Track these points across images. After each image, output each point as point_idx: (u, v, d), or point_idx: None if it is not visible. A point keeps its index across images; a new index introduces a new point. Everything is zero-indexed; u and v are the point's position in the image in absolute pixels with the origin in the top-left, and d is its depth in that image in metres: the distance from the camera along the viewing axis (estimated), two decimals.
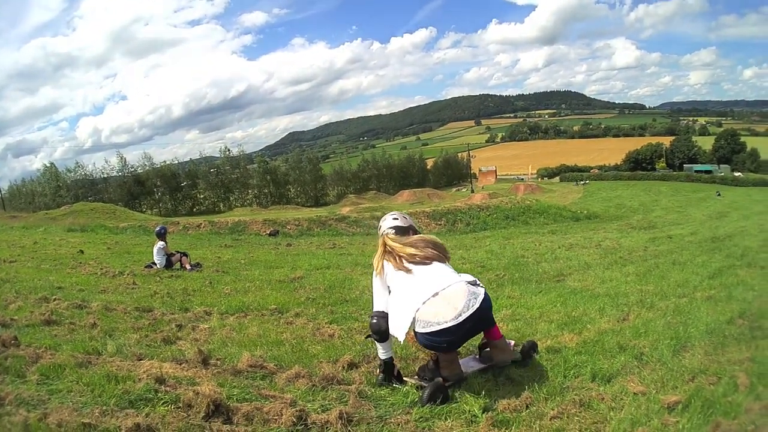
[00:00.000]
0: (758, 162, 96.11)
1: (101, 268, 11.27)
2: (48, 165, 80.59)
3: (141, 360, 4.34)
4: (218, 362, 4.35)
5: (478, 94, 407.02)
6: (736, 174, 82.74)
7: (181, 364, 4.25)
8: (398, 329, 3.79)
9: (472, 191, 78.97)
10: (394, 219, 4.34)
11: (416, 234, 4.25)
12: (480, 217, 35.85)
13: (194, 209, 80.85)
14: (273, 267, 12.27)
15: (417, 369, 4.11)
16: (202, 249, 17.77)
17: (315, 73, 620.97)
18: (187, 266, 11.81)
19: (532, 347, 4.38)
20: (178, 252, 12.30)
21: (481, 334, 4.11)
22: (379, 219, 4.47)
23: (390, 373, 3.96)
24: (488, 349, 4.17)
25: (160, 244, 12.02)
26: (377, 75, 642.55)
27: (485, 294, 3.80)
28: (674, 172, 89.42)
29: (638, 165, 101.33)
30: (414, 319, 3.69)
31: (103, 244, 19.39)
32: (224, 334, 5.54)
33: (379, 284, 4.04)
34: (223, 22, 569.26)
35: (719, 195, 59.00)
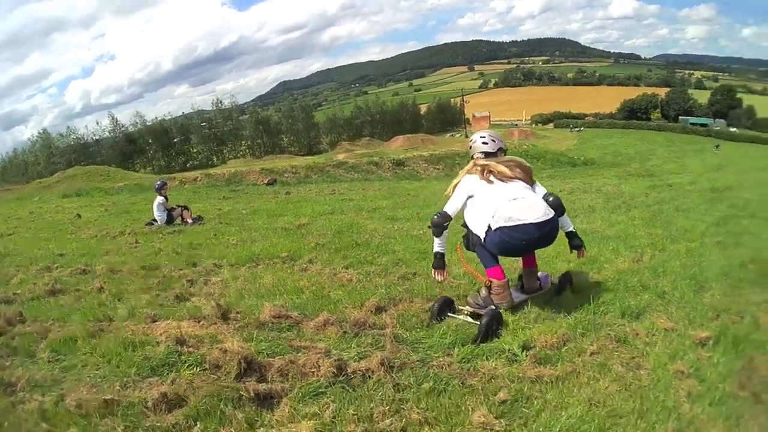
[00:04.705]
0: (754, 120, 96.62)
1: (101, 231, 11.23)
2: (41, 132, 79.02)
3: (156, 321, 4.22)
4: (238, 316, 4.26)
5: (471, 39, 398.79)
6: (732, 129, 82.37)
7: (199, 321, 4.16)
8: (479, 224, 3.93)
9: (466, 136, 78.13)
10: (484, 143, 4.37)
11: (505, 155, 4.36)
12: None
13: (188, 164, 79.25)
14: (276, 215, 12.28)
15: (467, 298, 4.17)
16: (200, 202, 17.70)
17: (306, 20, 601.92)
18: (189, 220, 11.72)
19: (567, 280, 4.49)
20: (178, 206, 12.15)
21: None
22: (376, 164, 4.43)
23: (441, 262, 4.10)
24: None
25: (160, 199, 11.85)
26: (370, 21, 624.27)
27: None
28: (669, 123, 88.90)
29: (633, 114, 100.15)
30: (493, 216, 3.79)
31: (100, 206, 19.35)
32: (239, 286, 5.48)
33: (461, 193, 4.09)
34: None
35: (718, 148, 58.17)
